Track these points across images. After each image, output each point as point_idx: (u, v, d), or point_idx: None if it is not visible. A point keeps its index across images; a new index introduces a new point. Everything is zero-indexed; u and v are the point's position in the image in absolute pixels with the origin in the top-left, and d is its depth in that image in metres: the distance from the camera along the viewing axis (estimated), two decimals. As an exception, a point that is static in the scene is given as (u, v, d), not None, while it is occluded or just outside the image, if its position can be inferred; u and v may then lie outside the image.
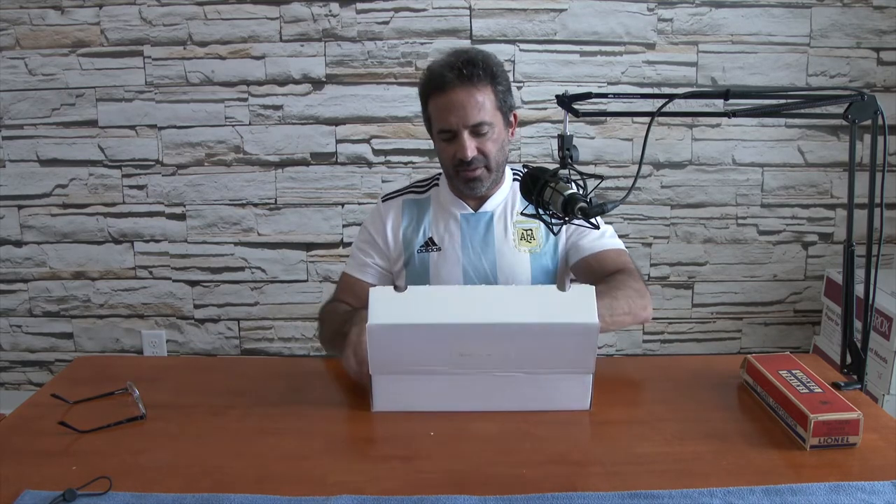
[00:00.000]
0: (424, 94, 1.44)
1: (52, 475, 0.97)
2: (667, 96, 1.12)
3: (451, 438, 1.07)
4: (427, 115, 1.46)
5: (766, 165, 2.52)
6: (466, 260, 1.47)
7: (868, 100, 1.14)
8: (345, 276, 1.56)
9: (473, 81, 1.37)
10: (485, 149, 1.40)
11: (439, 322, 1.08)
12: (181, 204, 2.54)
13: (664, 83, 2.45)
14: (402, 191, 1.57)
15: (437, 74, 1.39)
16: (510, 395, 1.12)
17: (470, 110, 1.37)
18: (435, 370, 1.11)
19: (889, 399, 2.16)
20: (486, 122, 1.38)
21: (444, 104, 1.38)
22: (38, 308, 2.63)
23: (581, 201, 1.06)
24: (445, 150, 1.43)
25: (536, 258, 1.48)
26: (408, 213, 1.53)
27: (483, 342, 1.09)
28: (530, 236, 1.48)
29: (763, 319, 2.65)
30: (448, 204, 1.51)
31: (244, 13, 2.40)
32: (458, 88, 1.36)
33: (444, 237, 1.49)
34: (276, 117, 2.47)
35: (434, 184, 1.55)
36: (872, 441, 1.04)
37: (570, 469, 1.00)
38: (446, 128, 1.40)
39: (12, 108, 2.47)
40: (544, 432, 1.08)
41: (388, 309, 1.08)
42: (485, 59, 1.40)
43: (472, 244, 1.48)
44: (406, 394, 1.13)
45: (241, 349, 2.66)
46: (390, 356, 1.10)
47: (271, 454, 1.04)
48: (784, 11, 2.41)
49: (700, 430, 1.09)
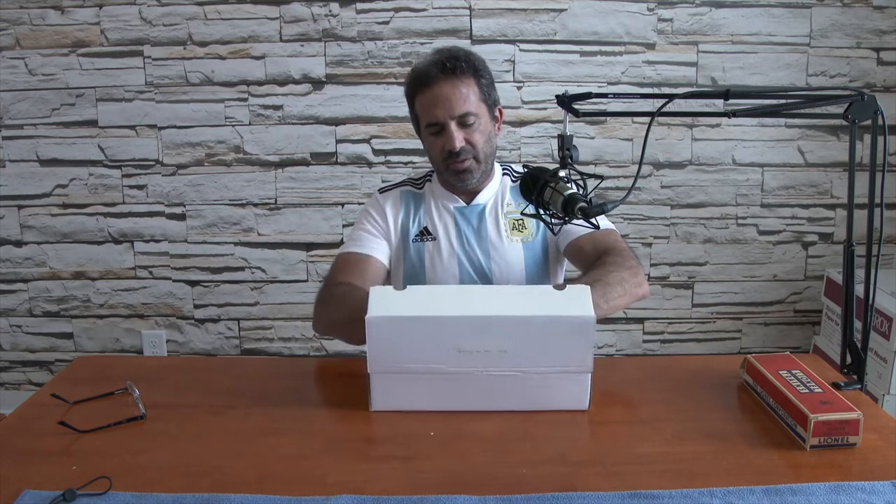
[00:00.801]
0: (410, 93, 1.47)
1: (52, 475, 0.97)
2: (667, 96, 1.12)
3: (451, 438, 1.07)
4: (414, 114, 1.49)
5: (766, 165, 2.52)
6: (461, 250, 1.49)
7: (868, 100, 1.14)
8: (345, 256, 1.50)
9: (457, 74, 1.41)
10: (472, 139, 1.43)
11: (437, 314, 1.09)
12: (181, 204, 2.54)
13: (664, 83, 2.45)
14: (399, 184, 1.59)
15: (421, 72, 1.43)
16: (508, 395, 1.12)
17: (455, 101, 1.40)
18: (432, 368, 1.11)
19: (889, 399, 2.16)
20: (471, 113, 1.41)
21: (430, 98, 1.41)
22: (38, 308, 2.63)
23: (581, 201, 1.06)
24: (434, 145, 1.46)
25: (529, 247, 1.50)
26: (405, 203, 1.55)
27: (479, 337, 1.09)
28: (521, 226, 1.51)
29: (763, 319, 2.65)
30: (442, 197, 1.54)
31: (244, 13, 2.40)
32: (443, 82, 1.40)
33: (439, 227, 1.51)
34: (276, 117, 2.47)
35: (428, 180, 1.58)
36: (872, 441, 1.04)
37: (570, 469, 1.00)
38: (433, 121, 1.43)
39: (12, 108, 2.47)
40: (544, 432, 1.08)
41: (388, 304, 1.10)
42: (467, 54, 1.44)
43: (466, 235, 1.50)
44: (404, 393, 1.13)
45: (241, 349, 2.66)
46: (389, 351, 1.11)
47: (271, 454, 1.04)
48: (784, 11, 2.41)
49: (700, 430, 1.09)
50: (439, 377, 1.11)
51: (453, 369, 1.11)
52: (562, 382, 1.12)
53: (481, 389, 1.12)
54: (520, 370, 1.11)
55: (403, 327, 1.10)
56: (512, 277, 1.49)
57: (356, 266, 1.47)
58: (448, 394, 1.12)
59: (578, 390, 1.13)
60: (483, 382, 1.11)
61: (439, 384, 1.12)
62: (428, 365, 1.11)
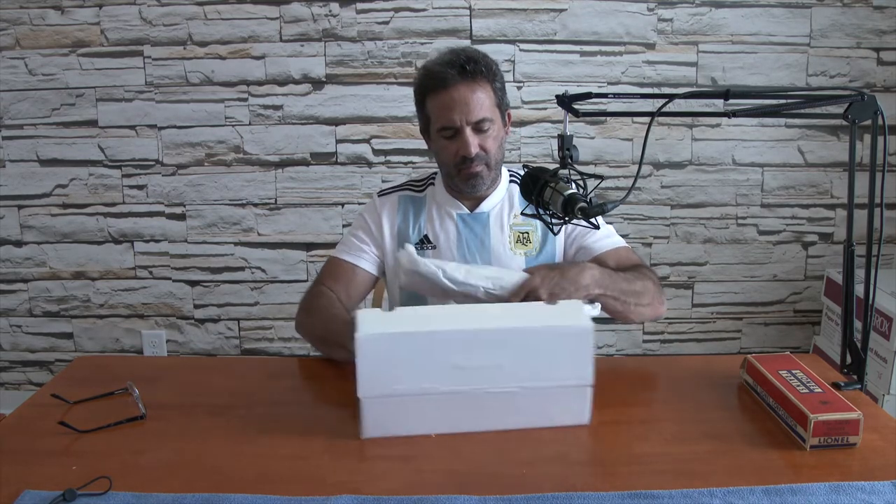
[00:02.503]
0: (422, 92, 1.43)
1: (52, 475, 0.97)
2: (667, 96, 1.12)
3: (451, 438, 1.07)
4: (424, 114, 1.45)
5: (766, 165, 2.52)
6: (462, 260, 1.46)
7: (868, 100, 1.14)
8: (335, 261, 1.50)
9: (476, 78, 1.38)
10: (486, 145, 1.41)
11: (430, 330, 1.05)
12: (181, 204, 2.54)
13: (664, 83, 2.45)
14: (399, 187, 1.56)
15: (437, 72, 1.39)
16: (505, 414, 1.08)
17: (473, 106, 1.37)
18: (427, 389, 1.06)
19: (889, 399, 2.16)
20: (487, 119, 1.39)
21: (447, 101, 1.38)
22: (38, 308, 2.63)
23: (581, 201, 1.06)
24: (447, 148, 1.42)
25: (531, 262, 1.47)
26: (403, 208, 1.52)
27: (474, 351, 1.06)
28: (526, 239, 1.48)
29: (763, 319, 2.65)
30: (444, 203, 1.50)
31: (244, 13, 2.40)
32: (460, 84, 1.37)
33: (440, 236, 1.48)
34: (276, 117, 2.47)
35: (430, 183, 1.55)
36: (872, 441, 1.04)
37: (570, 469, 1.00)
38: (448, 125, 1.39)
39: (12, 108, 2.47)
40: (544, 433, 1.08)
41: (377, 324, 1.05)
42: (484, 57, 1.41)
43: (468, 244, 1.47)
44: (397, 418, 1.08)
45: (241, 349, 2.66)
46: (381, 373, 1.05)
47: (271, 454, 1.04)
48: (784, 11, 2.41)
49: (700, 430, 1.09)
50: (434, 399, 1.07)
51: (449, 388, 1.06)
52: (561, 397, 1.09)
53: (478, 409, 1.08)
54: (517, 386, 1.07)
55: (396, 345, 1.04)
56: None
57: (343, 274, 1.49)
58: (443, 416, 1.08)
59: (578, 404, 1.09)
60: (479, 401, 1.07)
61: (433, 406, 1.07)
62: (422, 385, 1.06)
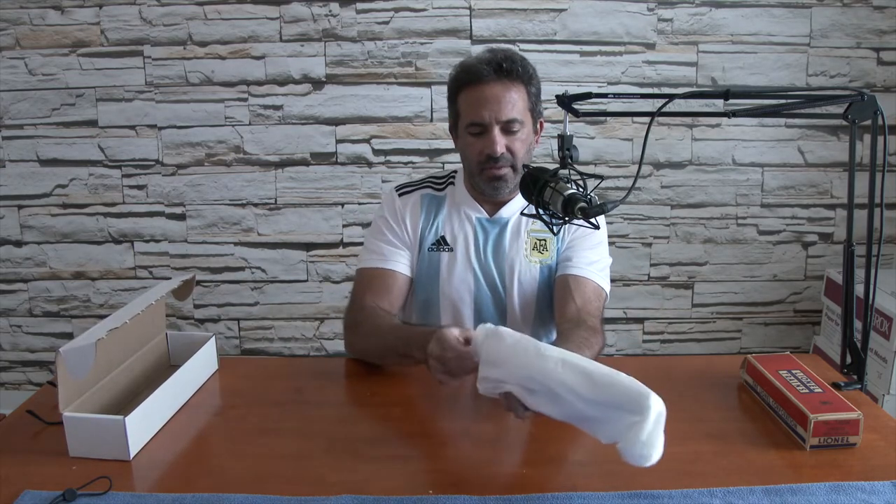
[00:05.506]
0: (455, 87, 1.41)
1: (52, 475, 0.97)
2: (667, 96, 1.12)
3: (451, 438, 1.07)
4: (455, 109, 1.43)
5: (766, 165, 2.52)
6: (477, 264, 1.44)
7: (868, 100, 1.14)
8: (369, 272, 1.45)
9: (511, 78, 1.36)
10: (513, 147, 1.38)
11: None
12: (181, 204, 2.54)
13: (664, 83, 2.45)
14: (420, 184, 1.52)
15: (472, 68, 1.37)
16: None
17: (504, 105, 1.35)
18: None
19: (889, 399, 2.16)
20: (517, 120, 1.36)
21: (478, 97, 1.36)
22: (38, 308, 2.63)
23: (581, 201, 1.06)
24: (473, 146, 1.39)
25: (547, 270, 1.45)
26: (425, 208, 1.48)
27: None
28: (543, 247, 1.45)
29: (763, 319, 2.65)
30: (463, 205, 1.47)
31: (244, 13, 2.40)
32: (494, 83, 1.35)
33: (458, 238, 1.46)
34: (276, 117, 2.47)
35: (450, 182, 1.52)
36: (872, 441, 1.04)
37: (570, 469, 1.00)
38: (478, 121, 1.37)
39: (12, 108, 2.47)
40: (544, 432, 1.08)
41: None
42: (522, 59, 1.40)
43: (484, 249, 1.45)
44: None
45: (241, 349, 2.66)
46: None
47: (271, 454, 1.04)
48: (784, 11, 2.41)
49: (700, 430, 1.09)
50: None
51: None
52: None
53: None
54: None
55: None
56: (525, 297, 1.45)
57: (381, 283, 1.43)
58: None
59: None
60: None
61: None
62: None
